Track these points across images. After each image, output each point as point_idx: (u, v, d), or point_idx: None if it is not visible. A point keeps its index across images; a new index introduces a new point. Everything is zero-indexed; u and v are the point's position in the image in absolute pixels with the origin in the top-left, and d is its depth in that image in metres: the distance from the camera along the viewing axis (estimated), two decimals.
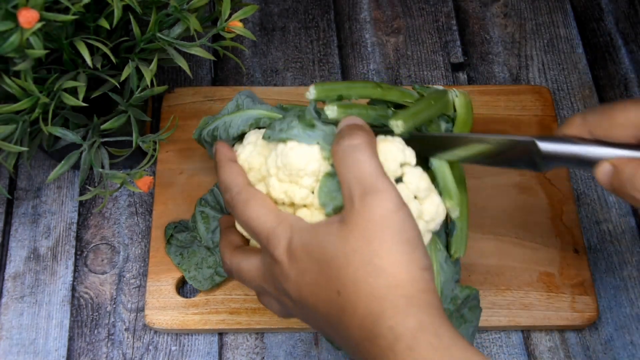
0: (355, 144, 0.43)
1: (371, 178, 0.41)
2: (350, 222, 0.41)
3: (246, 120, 0.52)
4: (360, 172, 0.41)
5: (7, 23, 0.42)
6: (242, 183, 0.47)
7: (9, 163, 0.53)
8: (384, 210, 0.40)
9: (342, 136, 0.44)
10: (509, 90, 0.70)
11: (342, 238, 0.40)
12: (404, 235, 0.40)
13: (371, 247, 0.40)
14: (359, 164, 0.42)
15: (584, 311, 0.59)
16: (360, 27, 0.77)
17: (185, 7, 0.52)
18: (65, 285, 0.61)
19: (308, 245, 0.42)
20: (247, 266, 0.46)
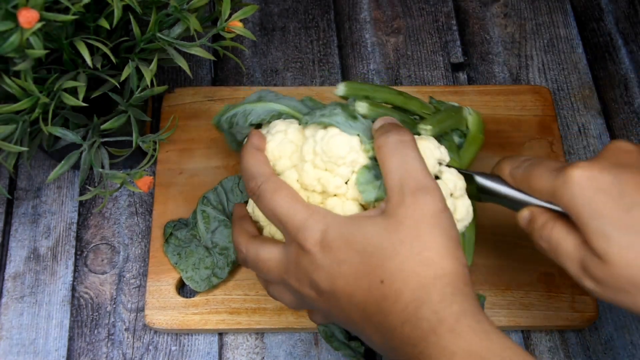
0: (405, 139, 0.44)
1: (422, 175, 0.43)
2: (399, 214, 0.42)
3: (268, 112, 0.53)
4: (412, 167, 0.43)
5: (7, 23, 0.42)
6: (269, 172, 0.47)
7: (9, 163, 0.53)
8: (435, 208, 0.42)
9: (389, 130, 0.45)
10: (509, 90, 0.70)
11: (391, 230, 0.41)
12: (451, 233, 0.42)
13: (421, 240, 0.41)
14: (411, 159, 0.43)
15: (584, 311, 0.59)
16: (360, 27, 0.77)
17: (185, 7, 0.52)
18: (65, 285, 0.61)
19: (349, 236, 0.42)
20: (266, 255, 0.46)
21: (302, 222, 0.43)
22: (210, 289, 0.59)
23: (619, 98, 0.73)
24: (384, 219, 0.42)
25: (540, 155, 0.66)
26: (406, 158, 0.43)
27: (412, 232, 0.41)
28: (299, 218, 0.43)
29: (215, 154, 0.65)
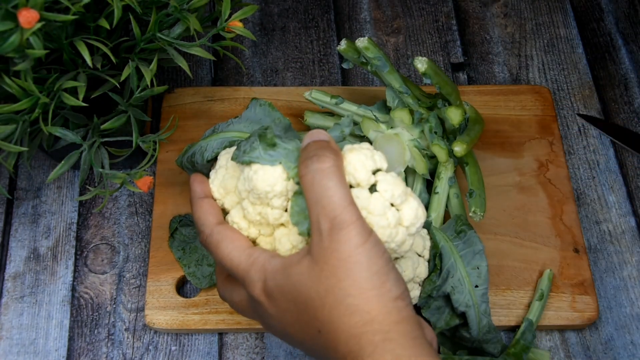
0: (323, 167, 0.42)
1: (339, 209, 0.41)
2: (320, 259, 0.41)
3: (220, 143, 0.54)
4: (328, 201, 0.41)
5: (7, 23, 0.42)
6: (212, 223, 0.46)
7: (9, 163, 0.53)
8: (352, 245, 0.40)
9: (310, 157, 0.43)
10: (509, 90, 0.70)
11: (314, 278, 0.41)
12: (373, 268, 0.40)
13: (343, 286, 0.40)
14: (328, 191, 0.41)
15: (584, 311, 0.59)
16: (360, 27, 0.77)
17: (185, 7, 0.52)
18: (65, 285, 0.61)
19: (282, 287, 0.42)
20: (236, 298, 0.47)
21: (245, 274, 0.44)
22: (211, 287, 0.59)
23: (619, 98, 0.73)
24: (309, 265, 0.41)
25: (540, 154, 0.66)
26: (324, 191, 0.41)
27: (333, 278, 0.40)
28: (241, 269, 0.44)
29: None
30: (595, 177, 0.68)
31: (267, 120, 0.57)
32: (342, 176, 0.42)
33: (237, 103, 0.68)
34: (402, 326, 0.40)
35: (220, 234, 0.46)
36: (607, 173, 0.68)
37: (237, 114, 0.67)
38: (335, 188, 0.41)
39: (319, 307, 0.40)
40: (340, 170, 0.43)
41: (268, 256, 0.44)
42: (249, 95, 0.68)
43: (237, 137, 0.54)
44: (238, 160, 0.46)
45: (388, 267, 0.41)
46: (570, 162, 0.69)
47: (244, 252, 0.44)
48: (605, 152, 0.70)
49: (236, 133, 0.54)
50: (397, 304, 0.40)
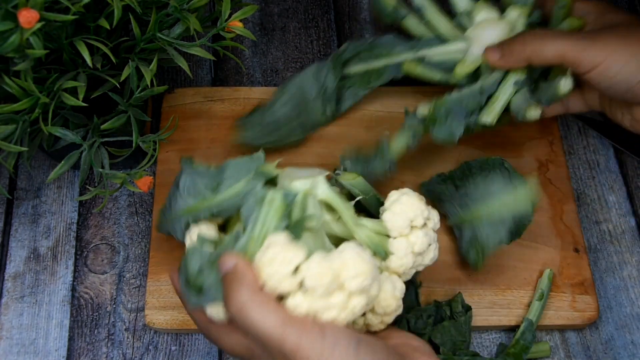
0: (239, 305, 0.40)
1: (279, 340, 0.39)
2: None
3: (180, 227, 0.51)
4: (266, 338, 0.39)
5: (7, 23, 0.42)
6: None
7: (9, 163, 0.53)
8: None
9: (227, 294, 0.41)
10: None
11: None
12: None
13: None
14: (259, 327, 0.39)
15: (584, 311, 0.59)
16: (360, 27, 0.77)
17: (185, 7, 0.52)
18: (65, 285, 0.61)
19: None
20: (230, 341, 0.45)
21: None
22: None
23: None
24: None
25: (540, 154, 0.66)
26: (256, 329, 0.39)
27: None
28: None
29: (215, 154, 0.65)
30: (595, 177, 0.68)
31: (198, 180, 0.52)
32: (262, 301, 0.40)
33: (237, 103, 0.68)
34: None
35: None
36: (607, 173, 0.68)
37: (237, 114, 0.67)
38: (263, 319, 0.39)
39: None
40: (257, 295, 0.40)
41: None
42: (248, 95, 0.68)
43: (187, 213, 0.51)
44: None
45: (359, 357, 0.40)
46: (570, 162, 0.69)
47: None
48: (605, 152, 0.70)
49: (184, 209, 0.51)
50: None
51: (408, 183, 0.64)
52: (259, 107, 0.64)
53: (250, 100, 0.68)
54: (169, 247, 0.61)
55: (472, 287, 0.60)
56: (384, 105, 0.69)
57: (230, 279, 0.41)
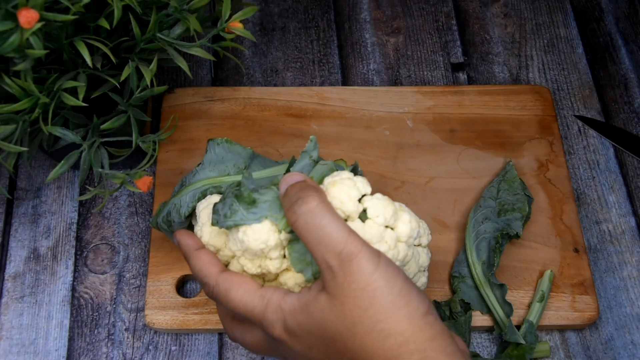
0: (311, 208, 0.42)
1: (341, 243, 0.40)
2: (339, 294, 0.40)
3: (193, 196, 0.52)
4: (328, 239, 0.41)
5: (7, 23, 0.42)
6: (215, 272, 0.46)
7: (9, 163, 0.53)
8: (366, 273, 0.40)
9: (294, 202, 0.43)
10: (509, 90, 0.70)
11: (337, 313, 0.40)
12: (394, 290, 0.40)
13: (369, 314, 0.40)
14: (324, 230, 0.41)
15: (584, 311, 0.59)
16: (360, 27, 0.77)
17: (185, 7, 0.52)
18: (65, 285, 0.61)
19: (306, 325, 0.42)
20: (251, 339, 0.46)
21: (261, 316, 0.43)
22: None
23: (619, 98, 0.73)
24: (328, 301, 0.41)
25: (540, 154, 0.66)
26: (320, 230, 0.41)
27: (358, 309, 0.40)
28: (257, 312, 0.43)
29: None
30: (595, 177, 0.68)
31: (229, 157, 0.55)
32: (332, 210, 0.42)
33: (237, 103, 0.68)
34: (436, 342, 0.40)
35: (227, 281, 0.45)
36: (607, 173, 0.68)
37: (237, 114, 0.67)
38: (331, 224, 0.41)
39: (349, 338, 0.40)
40: (328, 204, 0.42)
41: (281, 294, 0.43)
42: (248, 95, 0.69)
43: (207, 184, 0.53)
44: (222, 226, 0.45)
45: (408, 284, 0.41)
46: (570, 162, 0.69)
47: (256, 294, 0.44)
48: (605, 152, 0.70)
49: (205, 181, 0.53)
50: (427, 319, 0.40)
51: (408, 183, 0.65)
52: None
53: (250, 100, 0.68)
54: (169, 247, 0.61)
55: None
56: (384, 106, 0.69)
57: (301, 187, 0.43)
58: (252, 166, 0.54)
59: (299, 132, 0.67)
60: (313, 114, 0.68)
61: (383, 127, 0.67)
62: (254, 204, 0.45)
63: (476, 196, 0.64)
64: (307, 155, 0.49)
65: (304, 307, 0.42)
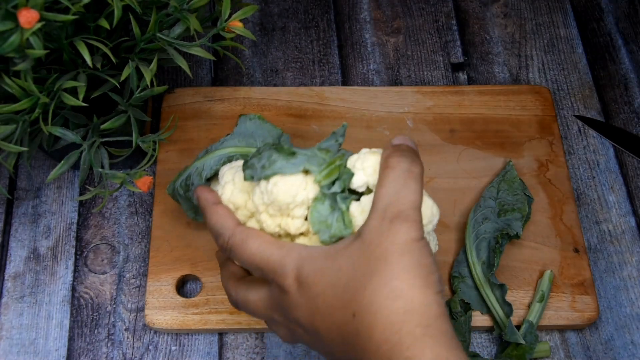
0: (416, 171, 0.43)
1: (410, 206, 0.42)
2: (373, 241, 0.41)
3: (218, 160, 0.54)
4: (405, 197, 0.42)
5: (7, 23, 0.42)
6: (232, 224, 0.46)
7: (9, 163, 0.53)
8: (408, 237, 0.41)
9: (404, 155, 0.44)
10: (509, 90, 0.70)
11: (363, 259, 0.41)
12: (423, 262, 0.41)
13: (391, 269, 0.40)
14: (408, 189, 0.42)
15: (584, 311, 0.59)
16: (360, 27, 0.77)
17: (185, 7, 0.52)
18: (65, 285, 0.61)
19: (322, 269, 0.42)
20: (253, 297, 0.46)
21: (277, 263, 0.43)
22: (211, 289, 0.59)
23: (619, 98, 0.73)
24: (358, 247, 0.41)
25: (540, 154, 0.66)
26: (405, 188, 0.42)
27: (382, 261, 0.40)
28: (274, 259, 0.43)
29: None
30: (595, 177, 0.68)
31: (259, 133, 0.56)
32: (422, 186, 0.44)
33: (237, 103, 0.68)
34: (440, 322, 0.40)
35: (244, 232, 0.45)
36: (607, 173, 0.68)
37: (237, 113, 0.67)
38: (416, 192, 0.43)
39: (359, 288, 0.40)
40: (422, 180, 0.44)
41: (303, 246, 0.44)
42: (248, 95, 0.69)
43: (234, 152, 0.54)
44: (258, 176, 0.45)
45: (434, 267, 0.41)
46: (570, 162, 0.69)
47: (274, 243, 0.44)
48: (605, 152, 0.70)
49: (232, 149, 0.54)
50: (438, 297, 0.40)
51: None
52: None
53: (250, 100, 0.68)
54: (169, 247, 0.61)
55: None
56: (384, 106, 0.69)
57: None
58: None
59: (299, 132, 0.67)
60: (313, 114, 0.68)
61: (383, 127, 0.67)
62: (294, 155, 0.45)
63: (476, 196, 0.64)
64: (335, 137, 0.49)
65: (330, 251, 0.42)
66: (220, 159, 0.54)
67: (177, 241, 0.61)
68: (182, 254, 0.60)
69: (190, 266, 0.60)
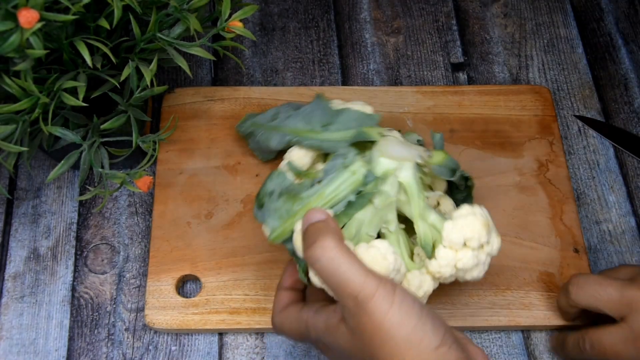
0: (328, 252, 0.43)
1: (358, 287, 0.42)
2: (356, 330, 0.43)
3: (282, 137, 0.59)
4: (345, 283, 0.42)
5: (7, 23, 0.42)
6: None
7: (9, 163, 0.53)
8: (381, 313, 0.41)
9: (311, 244, 0.44)
10: (509, 90, 0.70)
11: (356, 345, 0.43)
12: (408, 326, 0.41)
13: (385, 350, 0.41)
14: (341, 275, 0.42)
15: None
16: (360, 27, 0.77)
17: (185, 7, 0.52)
18: (65, 285, 0.61)
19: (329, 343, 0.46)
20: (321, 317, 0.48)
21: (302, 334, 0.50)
22: (211, 289, 0.59)
23: (619, 98, 0.73)
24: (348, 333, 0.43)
25: (540, 154, 0.66)
26: (338, 275, 0.42)
27: (372, 347, 0.42)
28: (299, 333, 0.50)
29: (215, 154, 0.65)
30: (595, 177, 0.68)
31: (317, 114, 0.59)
32: (348, 252, 0.43)
33: (237, 103, 0.68)
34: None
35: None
36: (607, 173, 0.68)
37: (237, 113, 0.67)
38: (347, 268, 0.42)
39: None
40: (344, 247, 0.44)
41: (312, 313, 0.47)
42: (248, 95, 0.69)
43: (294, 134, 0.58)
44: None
45: (422, 318, 0.42)
46: (570, 162, 0.69)
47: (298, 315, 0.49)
48: (605, 152, 0.70)
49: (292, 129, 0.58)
50: (439, 352, 0.41)
51: None
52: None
53: (250, 100, 0.68)
54: (169, 247, 0.61)
55: (472, 287, 0.60)
56: (384, 106, 0.69)
57: (319, 227, 0.45)
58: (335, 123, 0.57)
59: None
60: None
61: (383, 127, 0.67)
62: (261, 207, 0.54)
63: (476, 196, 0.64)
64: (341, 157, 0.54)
65: (329, 329, 0.45)
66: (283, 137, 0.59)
67: (177, 241, 0.61)
68: (182, 254, 0.60)
69: (190, 266, 0.60)
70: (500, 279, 0.60)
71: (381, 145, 0.53)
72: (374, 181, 0.51)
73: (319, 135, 0.56)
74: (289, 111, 0.61)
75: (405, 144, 0.54)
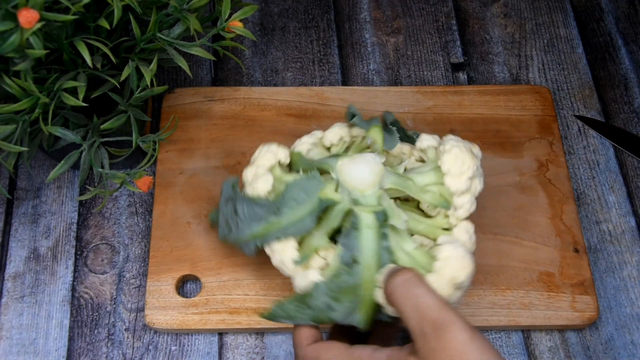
0: (408, 278, 0.45)
1: (437, 311, 0.42)
2: (429, 356, 0.41)
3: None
4: (425, 307, 0.43)
5: (7, 23, 0.42)
6: (304, 344, 0.48)
7: (9, 163, 0.53)
8: (460, 342, 0.41)
9: (390, 275, 0.46)
10: (509, 90, 0.70)
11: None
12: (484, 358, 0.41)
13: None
14: (420, 298, 0.43)
15: (584, 311, 0.59)
16: (360, 27, 0.77)
17: (185, 7, 0.52)
18: (65, 285, 0.61)
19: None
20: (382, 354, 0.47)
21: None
22: (211, 289, 0.59)
23: (619, 98, 0.73)
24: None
25: (540, 154, 0.67)
26: (417, 298, 0.43)
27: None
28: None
29: (215, 154, 0.65)
30: (595, 177, 0.68)
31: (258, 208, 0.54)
32: (426, 282, 0.45)
33: (237, 103, 0.68)
34: None
35: (315, 349, 0.47)
36: (607, 173, 0.68)
37: (237, 114, 0.67)
38: (426, 294, 0.43)
39: None
40: (422, 277, 0.45)
41: (370, 351, 0.45)
42: (248, 95, 0.69)
43: (257, 237, 0.53)
44: None
45: (497, 352, 0.42)
46: (570, 162, 0.69)
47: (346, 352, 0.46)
48: (605, 152, 0.70)
49: (253, 235, 0.53)
50: None
51: None
52: None
53: (250, 100, 0.68)
54: (169, 247, 0.61)
55: (472, 287, 0.60)
56: (384, 106, 0.69)
57: (410, 279, 0.45)
58: (284, 204, 0.52)
59: (299, 132, 0.66)
60: (313, 114, 0.68)
61: None
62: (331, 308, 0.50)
63: None
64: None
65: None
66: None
67: (177, 241, 0.61)
68: (182, 254, 0.60)
69: (190, 266, 0.60)
70: (500, 279, 0.60)
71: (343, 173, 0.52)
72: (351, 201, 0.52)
73: (278, 224, 0.52)
74: (232, 215, 0.54)
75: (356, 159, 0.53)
